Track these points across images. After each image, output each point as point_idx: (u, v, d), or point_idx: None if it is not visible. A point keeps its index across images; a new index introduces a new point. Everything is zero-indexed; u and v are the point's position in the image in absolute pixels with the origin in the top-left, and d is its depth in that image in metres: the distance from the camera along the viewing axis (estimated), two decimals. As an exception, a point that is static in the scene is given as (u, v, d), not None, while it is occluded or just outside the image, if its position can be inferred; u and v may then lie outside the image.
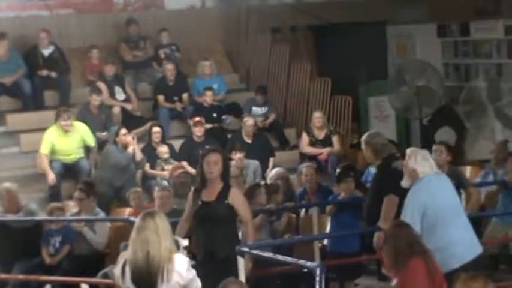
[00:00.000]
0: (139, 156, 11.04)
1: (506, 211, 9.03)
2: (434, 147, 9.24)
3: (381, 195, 7.39)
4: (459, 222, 6.75)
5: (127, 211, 9.58)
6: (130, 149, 10.96)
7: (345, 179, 8.75)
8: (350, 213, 8.55)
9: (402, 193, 7.24)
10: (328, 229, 8.75)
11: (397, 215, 7.13)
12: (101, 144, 11.45)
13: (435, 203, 6.68)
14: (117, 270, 5.36)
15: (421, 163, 6.82)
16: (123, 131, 11.07)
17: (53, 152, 11.00)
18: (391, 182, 7.38)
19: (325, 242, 8.72)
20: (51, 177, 10.72)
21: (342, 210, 8.63)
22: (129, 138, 11.02)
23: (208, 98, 12.40)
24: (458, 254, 6.61)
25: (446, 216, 6.67)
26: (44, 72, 12.28)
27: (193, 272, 5.34)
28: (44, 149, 10.98)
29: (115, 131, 11.21)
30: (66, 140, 11.03)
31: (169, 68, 12.64)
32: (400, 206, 7.15)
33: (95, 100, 11.72)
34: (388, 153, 7.66)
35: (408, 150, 7.04)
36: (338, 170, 9.07)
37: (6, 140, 11.93)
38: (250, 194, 8.39)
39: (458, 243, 6.64)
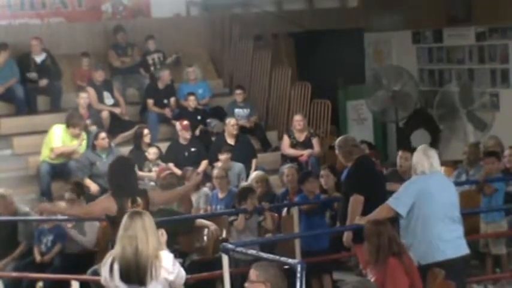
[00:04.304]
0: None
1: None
2: (399, 153, 9.26)
3: (348, 196, 7.47)
4: (449, 220, 6.76)
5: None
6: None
7: (307, 179, 8.83)
8: (319, 212, 8.67)
9: (369, 192, 7.31)
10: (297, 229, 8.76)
11: (362, 213, 7.19)
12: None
13: (427, 197, 6.69)
14: (104, 269, 5.35)
15: (422, 160, 6.84)
16: (103, 135, 11.03)
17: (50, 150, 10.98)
18: (357, 182, 7.47)
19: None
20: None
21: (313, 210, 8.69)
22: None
23: (191, 103, 12.42)
24: (442, 249, 6.64)
25: (437, 213, 6.69)
26: (33, 75, 12.24)
27: (178, 265, 5.36)
28: (56, 143, 10.95)
29: (94, 134, 11.19)
30: (70, 143, 11.01)
31: (166, 74, 12.61)
32: (367, 205, 7.22)
33: (82, 98, 11.69)
34: (359, 154, 7.72)
35: (419, 147, 7.08)
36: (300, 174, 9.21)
37: (-1, 143, 11.91)
38: (243, 196, 8.38)
39: (445, 239, 6.67)
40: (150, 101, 12.58)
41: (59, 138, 10.97)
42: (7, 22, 12.95)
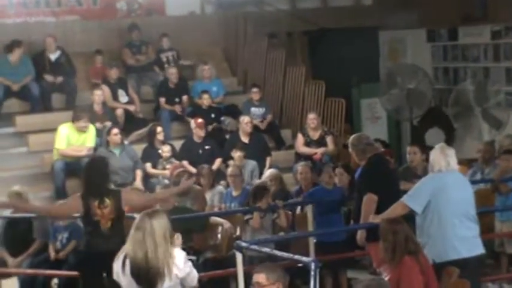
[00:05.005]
0: None
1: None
2: (408, 148, 9.28)
3: (362, 194, 7.44)
4: (465, 219, 6.72)
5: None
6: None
7: (323, 170, 9.09)
8: (334, 209, 8.74)
9: (383, 191, 7.28)
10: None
11: (376, 212, 7.16)
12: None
13: (443, 195, 6.66)
14: (117, 264, 5.35)
15: (438, 158, 6.81)
16: (115, 130, 11.06)
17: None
18: (370, 180, 7.45)
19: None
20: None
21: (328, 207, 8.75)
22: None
23: (205, 101, 12.42)
24: (457, 248, 6.60)
25: (453, 211, 6.65)
26: (50, 78, 12.30)
27: (190, 264, 5.34)
28: (61, 144, 10.98)
29: (107, 130, 11.21)
30: (78, 139, 11.03)
31: (172, 72, 12.65)
32: (381, 204, 7.19)
33: (96, 95, 11.71)
34: (372, 153, 7.69)
35: (436, 145, 7.05)
36: None
37: (15, 140, 11.92)
38: (258, 195, 8.36)
39: (460, 238, 6.63)
40: (162, 99, 12.59)
41: (63, 138, 10.97)
42: (22, 20, 12.97)
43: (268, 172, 10.04)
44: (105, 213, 6.81)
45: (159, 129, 11.48)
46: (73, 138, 11.03)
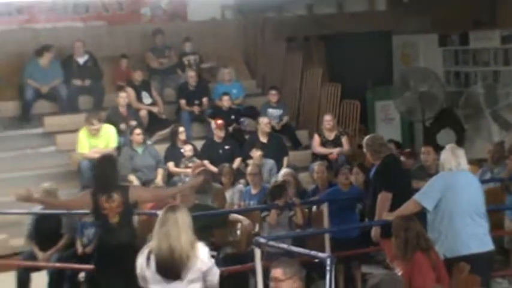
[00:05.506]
0: None
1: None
2: (422, 148, 9.27)
3: (376, 192, 7.42)
4: (475, 216, 6.69)
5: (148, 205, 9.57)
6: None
7: (339, 171, 9.09)
8: (349, 206, 8.78)
9: (396, 190, 7.26)
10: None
11: (390, 210, 7.14)
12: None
13: (453, 193, 6.63)
14: (141, 259, 5.37)
15: (449, 158, 6.78)
16: (138, 130, 11.09)
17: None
18: (385, 179, 7.44)
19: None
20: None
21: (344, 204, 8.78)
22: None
23: (225, 102, 12.43)
24: (467, 243, 6.57)
25: (463, 208, 6.62)
26: (78, 82, 12.37)
27: (212, 260, 5.35)
28: (83, 149, 11.03)
29: (130, 129, 11.24)
30: (95, 141, 11.07)
31: (191, 75, 12.69)
32: (394, 202, 7.16)
33: (121, 97, 11.74)
34: (387, 153, 7.68)
35: (447, 146, 7.03)
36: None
37: (44, 140, 12.00)
38: (276, 193, 8.34)
39: (470, 234, 6.60)
40: (183, 101, 12.61)
41: (85, 143, 11.02)
42: (52, 25, 13.04)
43: (282, 171, 10.02)
44: (112, 207, 6.85)
45: (181, 129, 11.51)
46: (95, 141, 11.06)
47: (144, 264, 5.33)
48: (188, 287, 5.20)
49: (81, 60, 12.52)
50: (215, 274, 5.36)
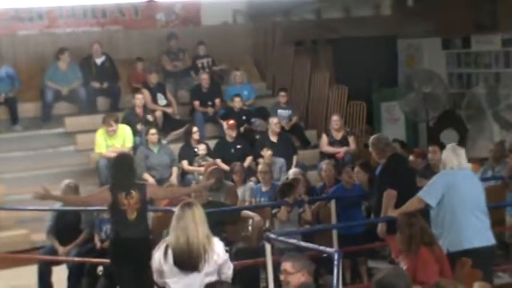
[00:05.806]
0: None
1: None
2: (429, 147, 9.30)
3: (382, 190, 7.47)
4: (477, 211, 6.73)
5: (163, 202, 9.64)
6: None
7: (343, 170, 9.30)
8: (355, 203, 8.86)
9: (401, 187, 7.31)
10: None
11: (395, 207, 7.19)
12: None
13: (455, 190, 6.67)
14: (158, 253, 5.44)
15: (450, 157, 6.83)
16: (153, 130, 11.16)
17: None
18: (390, 177, 7.47)
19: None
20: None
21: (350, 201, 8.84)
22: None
23: (237, 103, 12.50)
24: (469, 238, 6.60)
25: (465, 204, 6.66)
26: (96, 85, 12.47)
27: (227, 254, 5.42)
28: (100, 148, 11.12)
29: (145, 130, 11.31)
30: (112, 141, 11.16)
31: (204, 77, 12.77)
32: (399, 199, 7.22)
33: (138, 99, 11.82)
34: (391, 152, 7.73)
35: (448, 145, 7.08)
36: None
37: (64, 139, 12.08)
38: (285, 190, 8.41)
39: (472, 229, 6.64)
40: (196, 102, 12.69)
41: (102, 143, 11.09)
42: (71, 29, 13.15)
43: (291, 171, 10.07)
44: (131, 203, 6.92)
45: (194, 129, 11.58)
46: (111, 141, 11.15)
47: (161, 258, 5.39)
48: (205, 279, 5.26)
49: (98, 61, 12.63)
50: (229, 268, 5.43)
